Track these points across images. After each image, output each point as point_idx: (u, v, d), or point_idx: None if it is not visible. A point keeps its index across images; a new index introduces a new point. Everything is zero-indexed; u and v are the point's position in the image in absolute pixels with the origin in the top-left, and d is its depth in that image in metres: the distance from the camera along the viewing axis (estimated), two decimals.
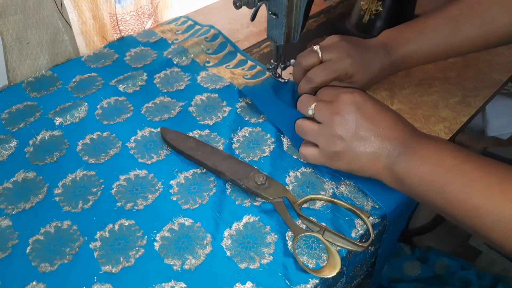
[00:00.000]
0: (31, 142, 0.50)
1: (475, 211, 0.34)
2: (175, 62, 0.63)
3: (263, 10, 0.51)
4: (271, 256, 0.39)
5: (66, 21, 0.61)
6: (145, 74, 0.60)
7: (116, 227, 0.41)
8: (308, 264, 0.39)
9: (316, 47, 0.49)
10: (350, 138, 0.40)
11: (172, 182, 0.46)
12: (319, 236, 0.39)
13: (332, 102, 0.42)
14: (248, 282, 0.37)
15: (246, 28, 0.73)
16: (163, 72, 0.61)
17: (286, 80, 0.58)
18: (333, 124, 0.41)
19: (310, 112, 0.44)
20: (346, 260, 0.41)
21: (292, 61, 0.57)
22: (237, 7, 0.48)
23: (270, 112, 0.53)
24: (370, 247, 0.45)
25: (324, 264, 0.39)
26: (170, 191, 0.45)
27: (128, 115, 0.54)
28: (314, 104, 0.43)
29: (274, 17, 0.49)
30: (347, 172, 0.43)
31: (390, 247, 0.51)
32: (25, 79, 0.59)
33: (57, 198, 0.44)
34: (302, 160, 0.47)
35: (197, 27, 0.70)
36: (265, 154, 0.49)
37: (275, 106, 0.54)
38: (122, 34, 0.68)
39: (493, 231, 0.33)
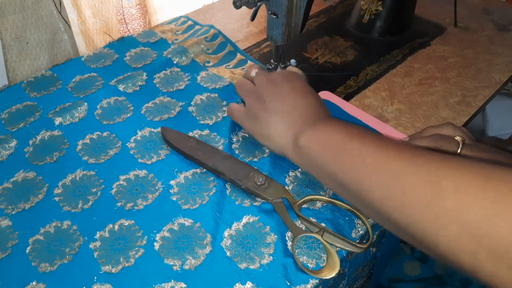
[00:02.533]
0: (31, 142, 0.50)
1: (366, 170, 0.32)
2: (175, 62, 0.63)
3: (263, 10, 0.51)
4: (271, 257, 0.39)
5: (66, 21, 0.61)
6: (145, 74, 0.60)
7: (116, 227, 0.41)
8: (308, 264, 0.39)
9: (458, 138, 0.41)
10: (270, 101, 0.43)
11: (172, 182, 0.46)
12: (318, 237, 0.39)
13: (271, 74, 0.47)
14: (248, 282, 0.37)
15: (246, 28, 0.73)
16: (163, 72, 0.61)
17: None
18: (263, 86, 0.45)
19: (253, 74, 0.48)
20: (347, 261, 0.41)
21: (292, 61, 0.57)
22: (237, 7, 0.48)
23: None
24: (371, 248, 0.45)
25: (324, 264, 0.39)
26: (170, 191, 0.45)
27: (128, 115, 0.54)
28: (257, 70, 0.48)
29: (274, 17, 0.49)
30: (260, 140, 0.45)
31: (390, 250, 0.51)
32: (25, 79, 0.59)
33: (57, 198, 0.44)
34: (227, 114, 0.51)
35: (197, 27, 0.70)
36: (265, 155, 0.49)
37: None
38: (129, 28, 0.68)
39: (375, 190, 0.31)
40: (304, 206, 0.43)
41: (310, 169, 0.40)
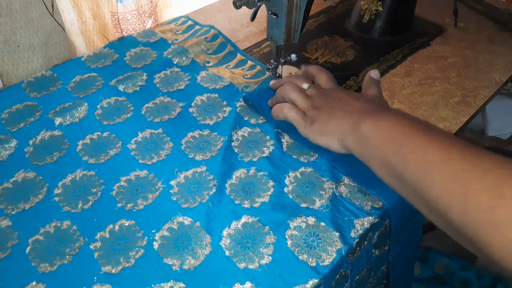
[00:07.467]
0: (31, 142, 0.50)
1: (429, 166, 0.32)
2: (175, 62, 0.63)
3: (263, 10, 0.51)
4: (270, 257, 0.39)
5: (58, 23, 0.60)
6: (145, 74, 0.60)
7: (117, 227, 0.41)
8: (308, 263, 0.39)
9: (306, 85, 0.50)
10: (332, 101, 0.45)
11: (172, 182, 0.46)
12: None
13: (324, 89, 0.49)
14: (247, 282, 0.37)
15: (246, 28, 0.73)
16: (163, 72, 0.61)
17: None
18: (318, 96, 0.47)
19: (305, 86, 0.49)
20: (349, 262, 0.41)
21: (293, 55, 0.57)
22: (237, 7, 0.48)
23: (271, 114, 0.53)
24: (374, 250, 0.45)
25: (323, 263, 0.39)
26: (170, 191, 0.45)
27: (128, 115, 0.54)
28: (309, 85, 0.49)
29: (274, 17, 0.49)
30: (317, 138, 0.44)
31: (406, 256, 0.50)
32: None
33: (57, 198, 0.44)
34: (273, 113, 0.50)
35: (197, 27, 0.70)
36: (264, 154, 0.49)
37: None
38: (124, 33, 0.68)
39: (435, 187, 0.31)
40: (304, 205, 0.43)
41: (367, 158, 0.39)
